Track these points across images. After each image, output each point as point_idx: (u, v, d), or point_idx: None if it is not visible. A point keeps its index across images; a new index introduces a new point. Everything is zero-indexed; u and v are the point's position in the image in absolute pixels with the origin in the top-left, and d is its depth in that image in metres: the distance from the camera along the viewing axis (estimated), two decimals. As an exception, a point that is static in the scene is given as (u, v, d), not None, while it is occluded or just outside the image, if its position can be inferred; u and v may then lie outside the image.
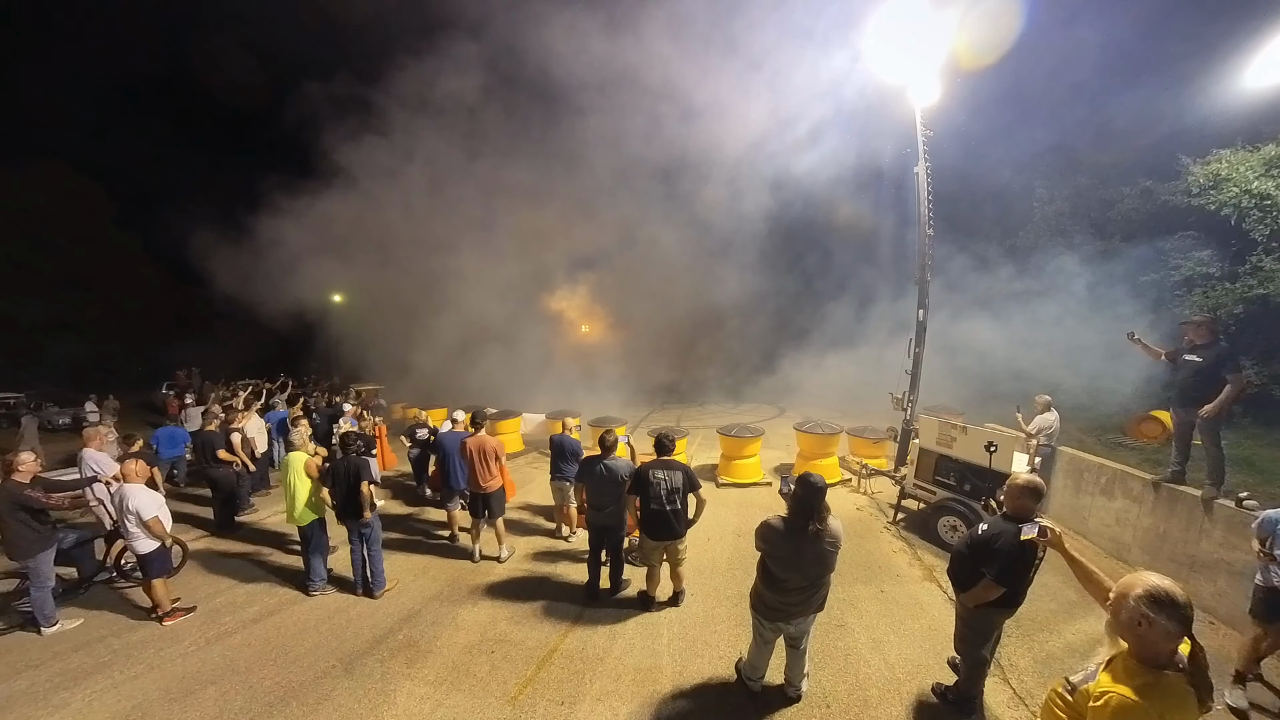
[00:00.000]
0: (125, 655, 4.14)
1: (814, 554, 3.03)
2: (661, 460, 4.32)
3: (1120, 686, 1.64)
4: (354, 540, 4.90)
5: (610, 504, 4.56)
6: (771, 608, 3.20)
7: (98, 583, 5.17)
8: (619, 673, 3.82)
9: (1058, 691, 2.02)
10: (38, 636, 4.40)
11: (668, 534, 4.28)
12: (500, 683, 3.72)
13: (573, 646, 4.13)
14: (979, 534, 3.05)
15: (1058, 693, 2.01)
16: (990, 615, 3.11)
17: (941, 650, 3.92)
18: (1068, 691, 1.94)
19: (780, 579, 3.11)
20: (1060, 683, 2.03)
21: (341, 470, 4.77)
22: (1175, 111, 10.96)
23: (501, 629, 4.38)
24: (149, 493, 4.50)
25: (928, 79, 8.02)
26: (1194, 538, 4.87)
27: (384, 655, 4.05)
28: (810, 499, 3.00)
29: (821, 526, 3.00)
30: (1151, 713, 1.56)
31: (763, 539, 3.17)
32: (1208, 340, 4.89)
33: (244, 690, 3.70)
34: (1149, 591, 1.64)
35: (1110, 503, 5.99)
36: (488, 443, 5.36)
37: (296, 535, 6.35)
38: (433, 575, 5.40)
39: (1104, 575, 2.29)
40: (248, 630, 4.47)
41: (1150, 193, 11.37)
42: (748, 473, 8.64)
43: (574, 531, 6.25)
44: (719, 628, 4.36)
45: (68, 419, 14.11)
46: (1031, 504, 2.89)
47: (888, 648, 4.07)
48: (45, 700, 3.65)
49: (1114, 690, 1.64)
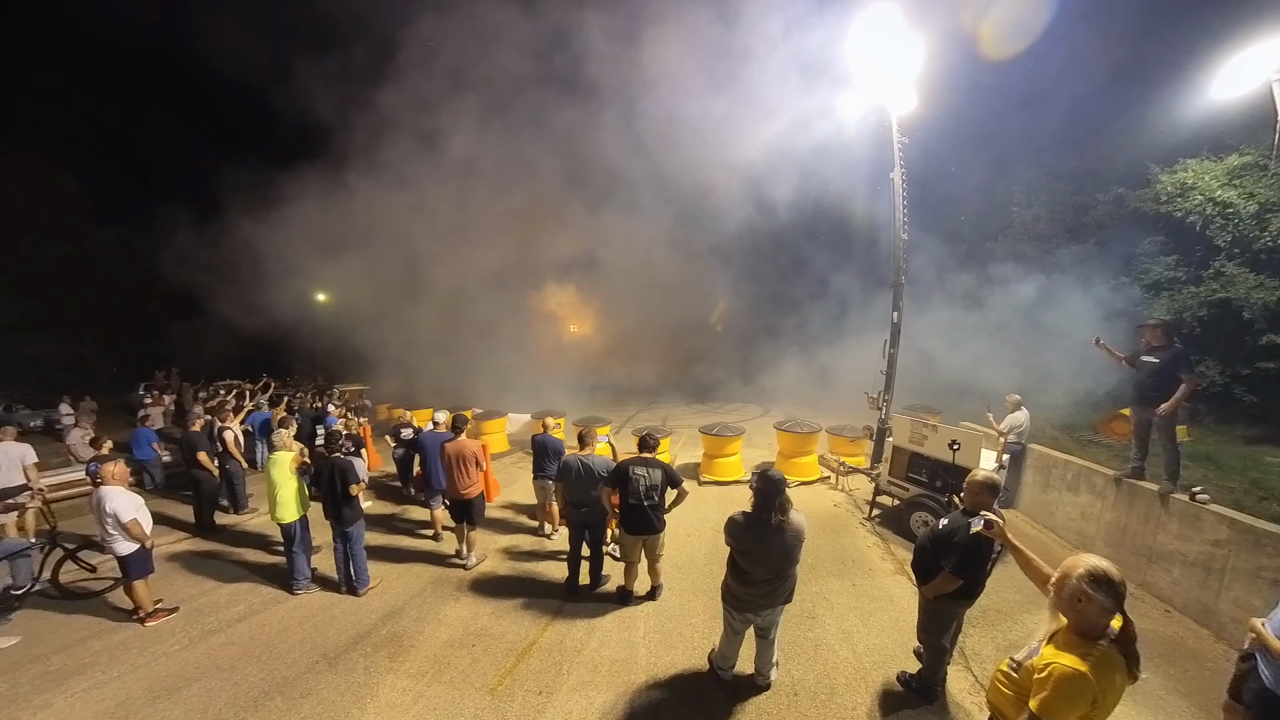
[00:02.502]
0: (107, 656, 4.15)
1: (777, 546, 3.13)
2: (642, 457, 4.44)
3: (1064, 656, 1.80)
4: (337, 539, 4.96)
5: (589, 502, 4.65)
6: (740, 599, 3.31)
7: (30, 595, 4.85)
8: (595, 664, 3.93)
9: (1003, 670, 2.17)
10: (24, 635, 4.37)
11: (646, 529, 4.39)
12: (480, 675, 3.82)
13: (551, 640, 4.23)
14: (939, 528, 3.19)
15: (1003, 671, 2.17)
16: (950, 606, 3.23)
17: (908, 640, 4.01)
18: (1013, 669, 2.10)
19: (746, 571, 3.23)
20: (1005, 662, 2.19)
21: (326, 470, 4.82)
22: (1147, 121, 11.34)
23: (483, 624, 4.47)
24: (127, 494, 4.49)
25: (904, 88, 8.27)
26: (1151, 530, 5.09)
27: (367, 650, 4.13)
28: (769, 493, 3.09)
29: (783, 518, 3.09)
30: (1089, 679, 1.72)
31: (728, 533, 3.28)
32: (1163, 342, 5.13)
33: (228, 687, 3.75)
34: (1089, 571, 1.81)
35: (1076, 498, 6.22)
36: (467, 448, 5.30)
37: (279, 536, 6.40)
38: (416, 573, 5.47)
39: (1042, 562, 2.47)
40: (231, 629, 4.50)
41: (1123, 199, 11.74)
42: (729, 471, 8.79)
43: (556, 529, 6.34)
44: (694, 620, 4.47)
45: (39, 421, 13.69)
46: (990, 499, 2.98)
47: (857, 639, 4.19)
48: (26, 701, 3.65)
49: (1056, 660, 1.80)
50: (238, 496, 7.42)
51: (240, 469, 7.44)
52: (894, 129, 8.50)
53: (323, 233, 17.19)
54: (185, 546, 6.35)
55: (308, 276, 18.81)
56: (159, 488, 8.52)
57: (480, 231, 16.47)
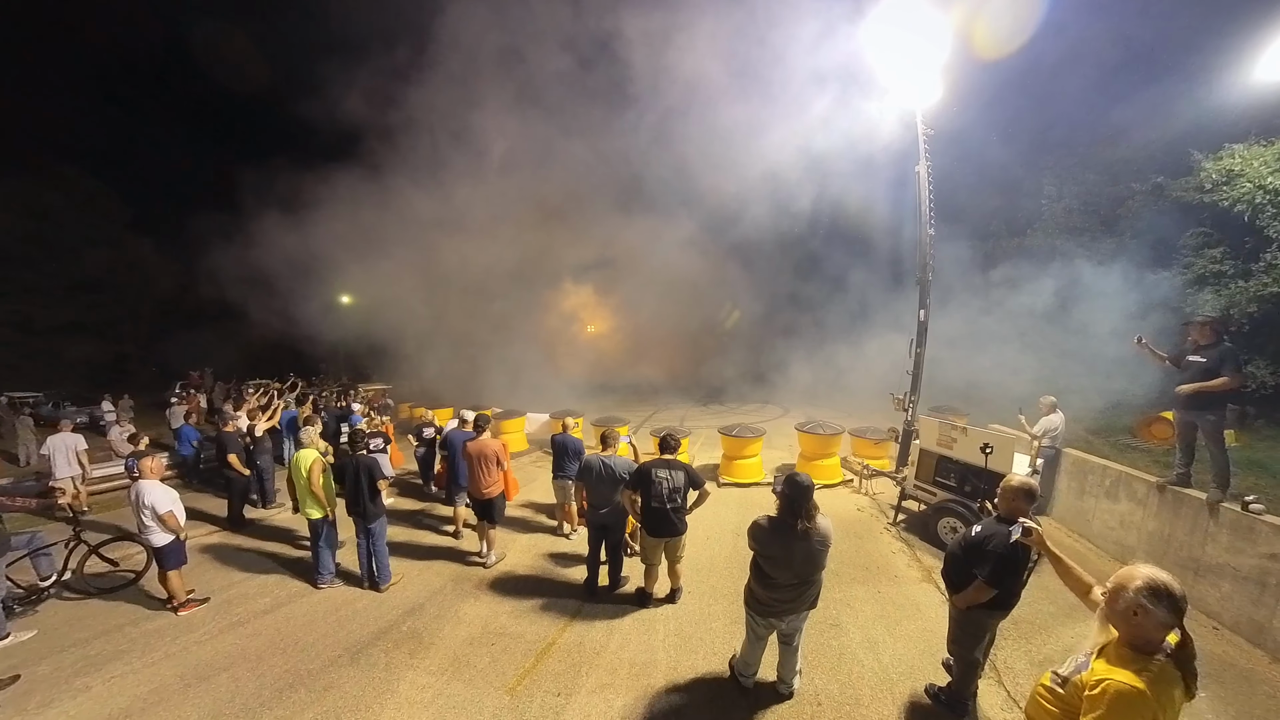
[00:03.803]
0: (143, 643, 4.31)
1: (803, 552, 3.05)
2: (664, 459, 4.39)
3: (1118, 672, 1.67)
4: (361, 536, 5.04)
5: (610, 503, 4.61)
6: (763, 604, 3.24)
7: (51, 592, 5.04)
8: (615, 666, 3.89)
9: (1045, 685, 2.03)
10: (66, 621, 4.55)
11: (668, 531, 4.34)
12: (499, 674, 3.82)
13: (570, 640, 4.21)
14: (972, 535, 3.06)
15: (1046, 686, 2.02)
16: (983, 617, 3.10)
17: (937, 651, 3.90)
18: (1057, 684, 1.96)
19: (771, 576, 3.16)
20: (1047, 676, 2.04)
21: (350, 468, 4.90)
22: (1187, 105, 10.78)
23: (502, 623, 4.48)
24: (163, 488, 4.65)
25: (929, 77, 8.00)
26: (1199, 541, 4.82)
27: (388, 646, 4.17)
28: (797, 498, 3.02)
29: (810, 525, 3.02)
30: (1148, 696, 1.61)
31: (753, 538, 3.21)
32: (1211, 340, 4.84)
33: (254, 677, 3.84)
34: (1148, 583, 1.69)
35: (1115, 505, 5.93)
36: (488, 447, 5.36)
37: (305, 531, 6.56)
38: (437, 570, 5.53)
39: (1084, 572, 2.35)
40: (259, 620, 4.62)
41: (1162, 188, 11.18)
42: (749, 473, 8.66)
43: (575, 530, 6.33)
44: (714, 625, 4.40)
45: (84, 418, 14.48)
46: (1025, 506, 2.87)
47: (882, 648, 4.06)
48: (67, 684, 3.82)
49: (1112, 676, 1.67)
50: (266, 492, 7.69)
51: (270, 466, 7.70)
52: (919, 120, 8.26)
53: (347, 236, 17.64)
54: (216, 539, 6.56)
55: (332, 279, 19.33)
56: (194, 482, 8.88)
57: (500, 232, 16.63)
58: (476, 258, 16.52)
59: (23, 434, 11.61)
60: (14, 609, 4.69)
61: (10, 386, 18.03)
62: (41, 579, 5.06)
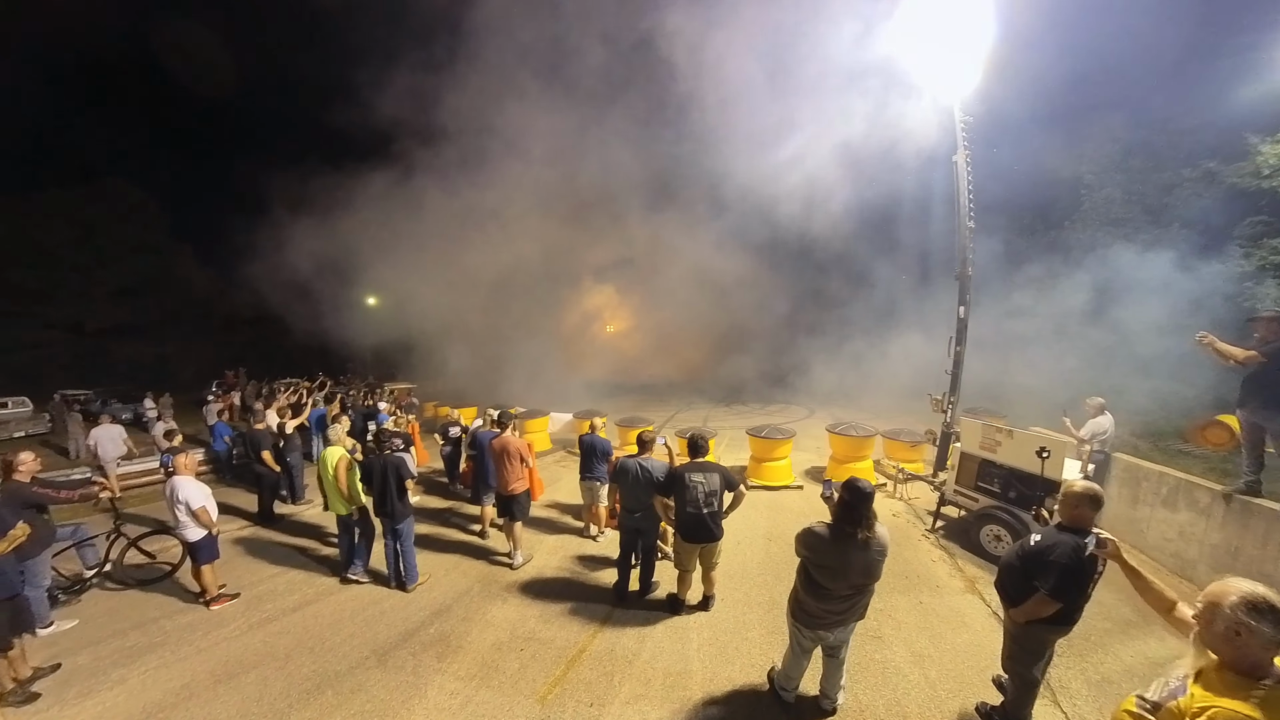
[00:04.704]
0: (176, 636, 4.36)
1: (861, 562, 2.90)
2: (698, 463, 4.23)
3: (1227, 701, 1.52)
4: (388, 535, 5.00)
5: (644, 506, 4.48)
6: (813, 615, 3.07)
7: (94, 582, 5.15)
8: (648, 676, 3.75)
9: (1132, 711, 1.85)
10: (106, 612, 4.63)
11: (705, 536, 4.20)
12: (529, 681, 3.71)
13: (602, 647, 4.09)
14: (1031, 545, 2.87)
15: (1132, 713, 1.85)
16: (1043, 633, 2.89)
17: (986, 667, 3.70)
18: (1146, 710, 1.80)
19: (824, 587, 2.98)
20: (1131, 701, 1.87)
21: (378, 467, 4.86)
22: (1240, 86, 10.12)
23: (531, 627, 4.38)
24: (197, 484, 4.71)
25: (968, 61, 7.59)
26: (1273, 555, 4.44)
27: (416, 649, 4.11)
28: (858, 505, 2.88)
29: (870, 534, 2.88)
30: None
31: (806, 546, 3.03)
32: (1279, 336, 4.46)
33: (282, 676, 3.81)
34: (1246, 599, 1.55)
35: (1173, 515, 5.53)
36: (511, 444, 5.32)
37: (333, 528, 6.59)
38: (463, 571, 5.46)
39: (1165, 586, 2.20)
40: (287, 618, 4.62)
41: (1214, 175, 10.55)
42: (778, 475, 8.41)
43: (602, 531, 6.21)
44: (750, 634, 4.24)
45: (129, 414, 15.19)
46: (1091, 513, 2.69)
47: (928, 662, 3.86)
48: (105, 675, 3.87)
49: (1220, 705, 1.52)
50: (296, 488, 7.79)
51: (300, 463, 7.83)
52: (956, 109, 7.88)
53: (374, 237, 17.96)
54: (247, 534, 6.65)
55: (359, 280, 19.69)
56: (228, 478, 9.09)
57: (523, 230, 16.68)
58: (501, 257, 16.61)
59: (73, 429, 12.16)
60: (58, 598, 4.80)
61: (63, 385, 18.98)
62: (87, 569, 5.23)
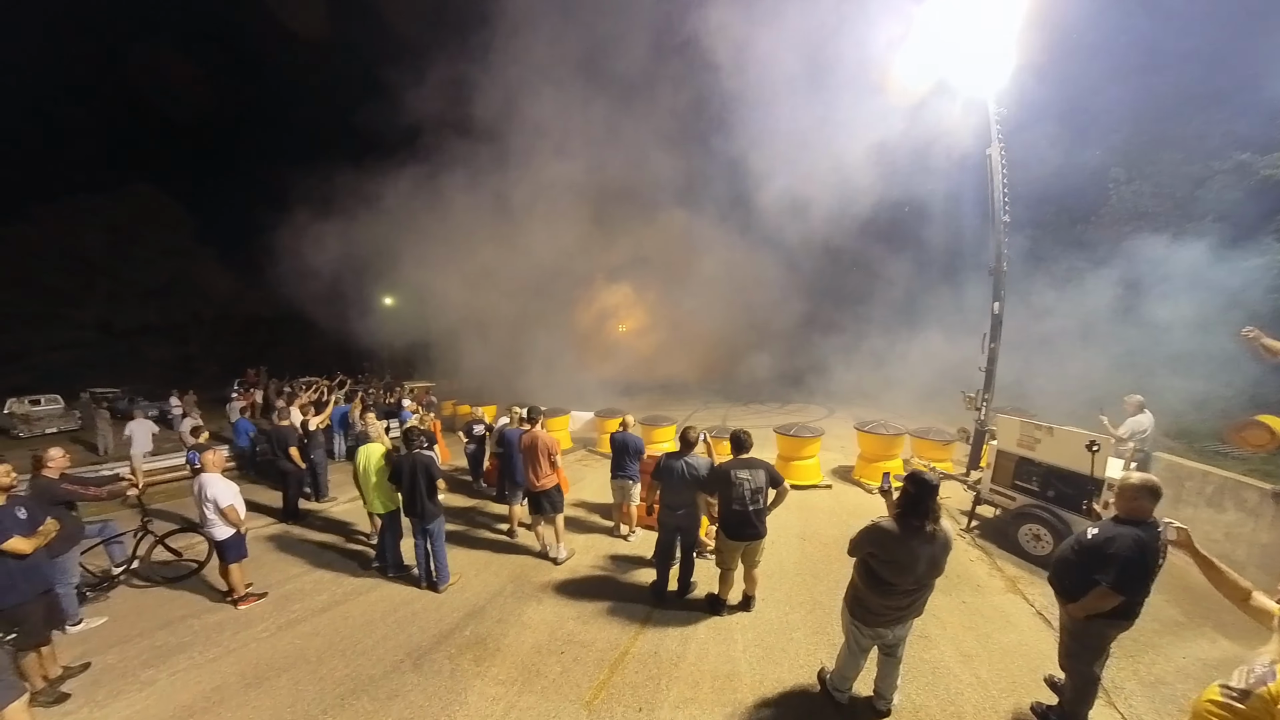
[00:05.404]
0: (204, 637, 4.24)
1: (928, 556, 2.79)
2: (743, 459, 4.08)
3: None
4: (418, 536, 4.83)
5: (688, 504, 4.33)
6: (875, 613, 2.98)
7: (122, 579, 5.10)
8: (696, 678, 3.58)
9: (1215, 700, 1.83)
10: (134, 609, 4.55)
11: (750, 534, 4.04)
12: (573, 685, 3.53)
13: (645, 649, 3.90)
14: (1088, 538, 2.81)
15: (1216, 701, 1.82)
16: (1104, 628, 2.84)
17: (1037, 666, 3.63)
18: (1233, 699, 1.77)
19: (890, 583, 2.87)
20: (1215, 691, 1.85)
21: (407, 467, 4.68)
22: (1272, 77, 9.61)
23: (569, 629, 4.19)
24: (225, 482, 4.59)
25: (1001, 52, 7.25)
26: (1327, 557, 4.16)
27: (452, 651, 3.94)
28: (925, 498, 2.77)
29: (937, 527, 2.79)
30: None
31: (873, 542, 2.91)
32: None
33: (315, 681, 3.66)
34: None
35: (1219, 515, 5.31)
36: (541, 439, 5.20)
37: (358, 524, 6.53)
38: (494, 570, 5.29)
39: (1238, 576, 2.18)
40: (316, 618, 4.48)
41: (1247, 166, 10.04)
42: (807, 474, 8.17)
43: (633, 531, 6.02)
44: (795, 635, 4.09)
45: (155, 412, 15.47)
46: (1150, 504, 2.66)
47: (978, 662, 3.75)
48: (134, 675, 3.76)
49: None
50: (320, 485, 7.70)
51: (324, 459, 7.74)
52: (990, 101, 7.55)
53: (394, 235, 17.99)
54: (272, 531, 6.57)
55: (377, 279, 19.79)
56: (250, 473, 9.10)
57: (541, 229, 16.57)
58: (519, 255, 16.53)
59: (101, 426, 12.35)
60: (86, 595, 4.73)
61: (93, 383, 19.39)
62: (115, 566, 5.17)
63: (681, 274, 17.86)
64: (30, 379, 20.75)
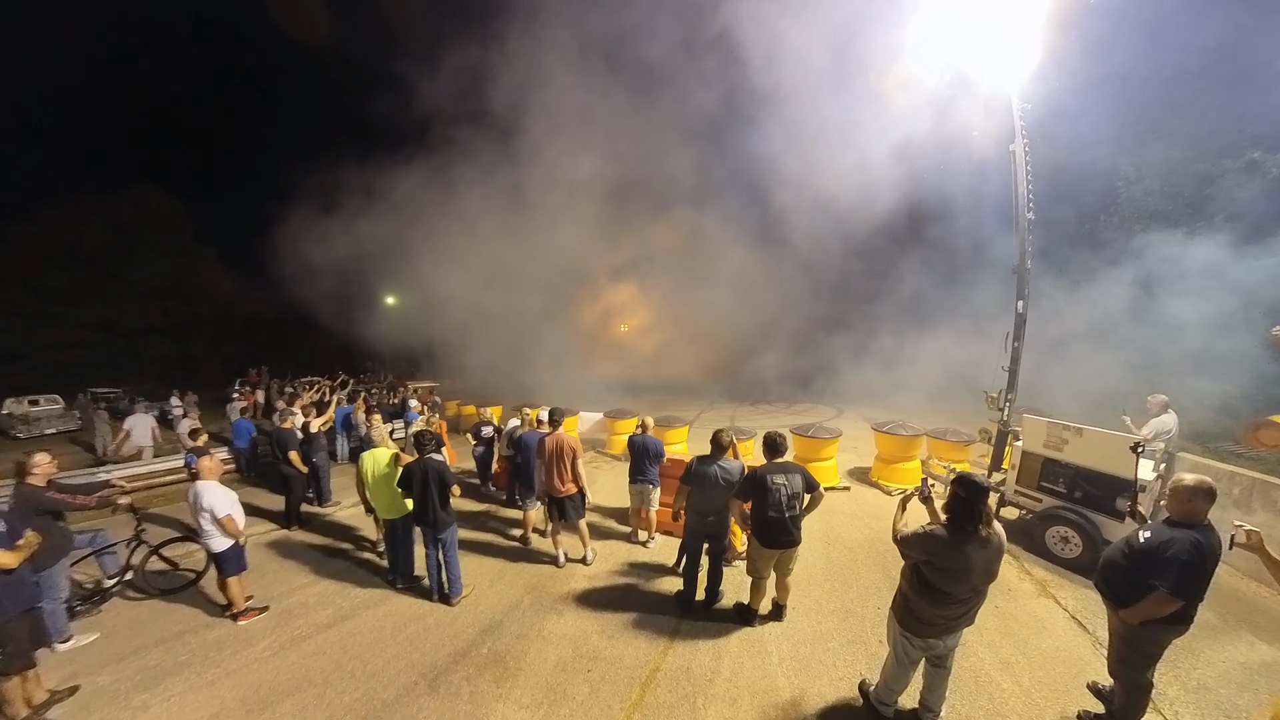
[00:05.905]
0: (202, 655, 3.96)
1: (983, 562, 2.67)
2: (778, 463, 3.85)
3: None
4: (430, 545, 4.54)
5: (718, 510, 4.09)
6: (926, 623, 2.85)
7: (115, 591, 4.82)
8: (734, 696, 3.35)
9: None
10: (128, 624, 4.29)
11: (786, 541, 3.81)
12: (604, 707, 3.26)
13: (676, 665, 3.65)
14: (1140, 542, 2.75)
15: None
16: (1160, 633, 2.77)
17: (1078, 673, 3.55)
18: None
19: (945, 591, 2.72)
20: None
21: (419, 473, 4.38)
22: None
23: (594, 644, 3.93)
24: (222, 489, 4.31)
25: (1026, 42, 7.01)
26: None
27: (470, 671, 3.66)
28: (976, 501, 2.66)
29: (990, 531, 2.69)
30: None
31: (925, 550, 2.75)
32: None
33: (322, 707, 3.38)
34: None
35: (1247, 516, 5.18)
36: (565, 441, 4.95)
37: (362, 529, 6.24)
38: (509, 581, 5.02)
39: None
40: (321, 635, 4.20)
41: (1259, 165, 9.87)
42: (825, 476, 7.91)
43: (652, 537, 5.75)
44: (830, 645, 3.89)
45: (155, 411, 15.17)
46: (1205, 506, 2.61)
47: (1018, 669, 3.63)
48: (126, 700, 3.49)
49: None
50: (322, 490, 7.44)
51: (327, 462, 7.47)
52: (1014, 96, 7.31)
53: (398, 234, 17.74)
54: (273, 537, 6.29)
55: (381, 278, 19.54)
56: (251, 476, 8.84)
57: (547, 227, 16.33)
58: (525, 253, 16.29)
59: (100, 427, 12.02)
60: (76, 609, 4.44)
61: (94, 383, 19.16)
62: (108, 578, 4.88)
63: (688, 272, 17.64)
64: (31, 379, 20.44)
